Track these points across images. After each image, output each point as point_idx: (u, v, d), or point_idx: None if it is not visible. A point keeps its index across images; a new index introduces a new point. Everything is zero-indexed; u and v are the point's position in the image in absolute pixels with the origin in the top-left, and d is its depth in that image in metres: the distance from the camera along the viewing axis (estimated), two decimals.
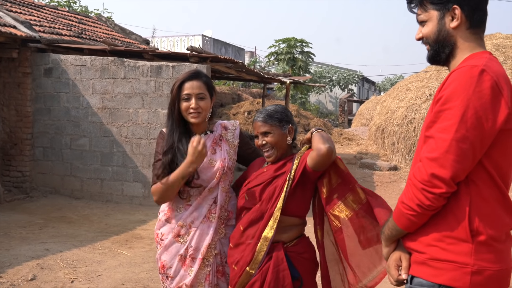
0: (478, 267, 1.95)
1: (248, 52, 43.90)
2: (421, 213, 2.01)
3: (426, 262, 2.05)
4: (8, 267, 5.81)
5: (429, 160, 1.97)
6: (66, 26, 12.29)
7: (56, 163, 10.11)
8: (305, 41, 33.59)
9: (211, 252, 3.03)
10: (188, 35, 34.71)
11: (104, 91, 9.75)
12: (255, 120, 3.03)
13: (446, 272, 1.99)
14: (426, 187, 1.96)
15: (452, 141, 1.91)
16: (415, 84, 16.79)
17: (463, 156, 1.92)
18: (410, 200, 2.02)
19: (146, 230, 7.88)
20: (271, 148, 2.97)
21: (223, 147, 3.14)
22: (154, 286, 5.45)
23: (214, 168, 3.05)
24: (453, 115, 1.92)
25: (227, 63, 10.13)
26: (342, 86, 42.39)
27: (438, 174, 1.94)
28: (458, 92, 1.93)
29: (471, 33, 2.13)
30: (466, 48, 2.13)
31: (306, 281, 2.88)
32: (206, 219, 3.03)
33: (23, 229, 7.59)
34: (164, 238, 3.09)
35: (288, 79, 14.57)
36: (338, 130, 23.74)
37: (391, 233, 2.18)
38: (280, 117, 3.00)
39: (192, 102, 2.98)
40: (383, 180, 12.90)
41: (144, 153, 9.51)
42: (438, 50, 2.19)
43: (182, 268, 3.03)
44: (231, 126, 3.24)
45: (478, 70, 1.93)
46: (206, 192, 3.05)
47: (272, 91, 31.31)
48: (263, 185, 2.93)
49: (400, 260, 2.17)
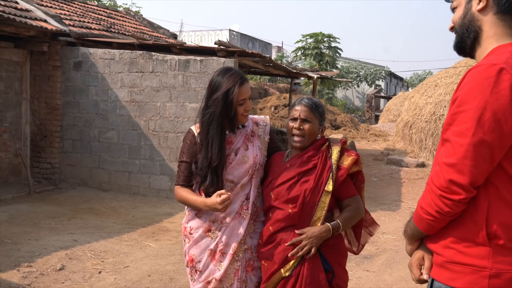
0: (496, 270, 1.88)
1: (275, 47, 43.78)
2: (440, 218, 1.96)
3: (444, 265, 2.00)
4: (37, 256, 5.90)
5: (446, 166, 1.90)
6: (95, 20, 12.40)
7: (85, 156, 10.24)
8: (332, 36, 33.41)
9: (241, 248, 3.02)
10: (215, 29, 34.77)
11: (132, 85, 9.83)
12: (299, 103, 3.01)
13: (463, 276, 1.93)
14: (445, 193, 1.91)
15: (469, 145, 1.84)
16: (444, 80, 16.57)
17: (481, 161, 1.85)
18: (428, 206, 1.98)
19: (172, 223, 7.94)
20: (303, 136, 2.95)
21: (255, 143, 3.12)
22: (180, 279, 5.49)
23: (246, 164, 3.03)
24: (469, 118, 1.84)
25: (255, 58, 10.12)
26: (369, 81, 42.02)
27: (456, 181, 1.87)
28: (475, 93, 1.84)
29: (498, 19, 2.02)
30: (492, 35, 2.02)
31: (337, 272, 2.87)
32: (238, 215, 3.02)
33: (52, 219, 7.71)
34: (193, 232, 3.09)
35: (315, 74, 14.52)
36: (365, 126, 23.59)
37: (413, 233, 2.15)
38: (322, 112, 3.03)
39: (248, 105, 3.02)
40: (410, 177, 12.77)
41: (171, 146, 9.57)
42: (463, 36, 2.11)
43: (211, 263, 3.02)
44: (262, 122, 3.22)
45: (496, 70, 1.82)
46: (238, 189, 3.04)
47: (299, 86, 31.19)
48: (290, 184, 2.90)
49: (423, 259, 2.14)
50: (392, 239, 7.27)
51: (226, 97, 2.93)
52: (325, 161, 2.90)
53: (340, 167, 2.88)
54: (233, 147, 3.06)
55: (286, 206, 2.87)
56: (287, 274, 2.80)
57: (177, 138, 9.48)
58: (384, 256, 6.56)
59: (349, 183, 2.93)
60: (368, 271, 5.94)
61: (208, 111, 2.97)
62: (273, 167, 3.08)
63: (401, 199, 10.51)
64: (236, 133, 3.08)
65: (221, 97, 2.93)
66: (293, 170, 2.93)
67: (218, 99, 2.93)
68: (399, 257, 6.44)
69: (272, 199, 2.95)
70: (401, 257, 6.37)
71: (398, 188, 11.75)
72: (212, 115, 2.95)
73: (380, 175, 12.92)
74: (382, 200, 10.14)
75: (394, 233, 7.61)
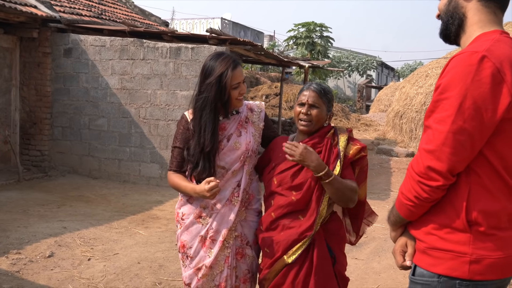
0: (477, 256, 1.91)
1: (267, 36, 43.69)
2: (419, 204, 1.98)
3: (426, 251, 2.02)
4: (26, 243, 5.89)
5: (425, 152, 1.93)
6: (86, 7, 12.31)
7: (75, 143, 10.21)
8: (324, 25, 33.27)
9: (231, 235, 3.02)
10: (207, 17, 34.66)
11: (123, 72, 9.78)
12: (307, 88, 2.98)
13: (444, 262, 1.96)
14: (423, 179, 1.93)
15: (448, 133, 1.86)
16: (435, 71, 16.63)
17: (460, 148, 1.87)
18: (408, 191, 2.00)
19: (162, 210, 7.94)
20: (310, 121, 2.92)
21: (248, 130, 3.10)
22: (169, 266, 5.50)
23: (238, 151, 3.02)
24: (450, 105, 1.86)
25: (246, 46, 10.10)
26: (361, 71, 42.06)
27: (434, 167, 1.90)
28: (456, 81, 1.85)
29: (482, 5, 2.02)
30: (476, 22, 2.03)
31: (339, 258, 2.89)
32: (228, 202, 3.01)
33: (41, 207, 7.69)
34: (185, 218, 3.09)
35: (307, 63, 14.52)
36: (356, 115, 23.67)
37: (395, 219, 2.18)
38: (330, 98, 3.00)
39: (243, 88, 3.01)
40: (400, 166, 12.84)
41: (162, 134, 9.56)
42: (447, 23, 2.12)
43: (202, 249, 3.03)
44: (256, 108, 3.21)
45: (478, 57, 1.84)
46: (230, 175, 3.02)
47: (290, 75, 31.15)
48: (295, 170, 2.88)
49: (406, 246, 2.16)
50: (381, 227, 7.32)
51: (219, 81, 2.90)
52: (331, 148, 2.88)
53: (346, 156, 2.87)
54: (225, 133, 3.04)
55: (290, 193, 2.86)
56: (290, 260, 2.79)
57: (168, 126, 9.47)
58: (372, 245, 6.60)
59: (349, 169, 2.89)
60: (356, 259, 5.98)
61: (202, 96, 2.95)
62: (276, 153, 3.05)
63: (391, 188, 10.58)
64: (229, 119, 3.07)
65: (214, 81, 2.90)
66: None
67: (212, 84, 2.91)
68: (387, 245, 6.48)
69: (275, 185, 2.92)
70: (390, 245, 6.41)
71: (388, 177, 11.81)
72: (205, 100, 2.93)
73: (370, 164, 12.94)
74: (372, 189, 10.17)
75: (383, 222, 7.62)
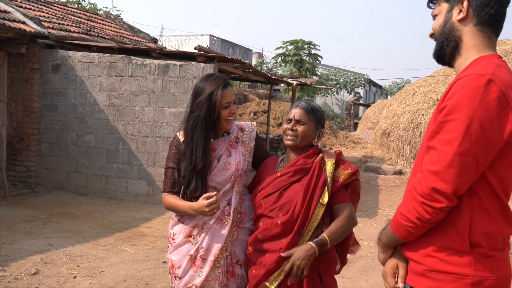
0: (478, 277, 1.92)
1: (255, 53, 43.90)
2: (420, 226, 1.98)
3: (425, 274, 2.02)
4: (11, 260, 5.83)
5: (430, 173, 1.92)
6: (75, 23, 12.33)
7: (62, 159, 10.15)
8: (312, 43, 33.51)
9: (222, 254, 3.00)
10: (196, 34, 34.76)
11: (111, 89, 9.77)
12: (295, 106, 3.02)
13: (446, 284, 1.96)
14: (427, 200, 1.92)
15: (455, 155, 1.86)
16: (422, 89, 16.76)
17: (465, 170, 1.87)
18: (409, 212, 1.99)
19: (149, 227, 7.90)
20: (296, 136, 2.94)
21: (238, 150, 3.10)
22: (156, 284, 5.47)
23: (228, 171, 3.02)
24: (457, 127, 1.86)
25: (234, 63, 10.12)
26: (349, 89, 42.33)
27: (439, 189, 1.89)
28: (463, 103, 1.85)
29: (478, 30, 2.05)
30: (472, 46, 2.05)
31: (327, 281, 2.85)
32: (219, 221, 2.99)
33: (27, 223, 7.62)
34: (175, 237, 3.07)
35: (295, 80, 14.58)
36: (343, 133, 23.74)
37: (389, 241, 2.16)
38: (319, 116, 3.02)
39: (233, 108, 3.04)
40: (388, 184, 12.87)
41: (150, 151, 9.53)
42: (442, 44, 2.13)
43: (191, 269, 2.99)
44: (247, 128, 3.22)
45: (485, 80, 1.85)
46: (220, 195, 3.01)
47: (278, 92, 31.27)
48: (279, 192, 2.88)
49: (397, 268, 2.15)
50: (368, 246, 7.32)
51: (210, 100, 2.93)
52: (320, 173, 2.86)
53: (336, 180, 2.86)
54: (215, 154, 3.04)
55: (276, 214, 2.85)
56: (272, 286, 2.76)
57: (156, 143, 9.45)
58: (360, 263, 6.60)
59: (342, 191, 2.88)
60: (344, 277, 5.97)
61: (193, 115, 2.97)
62: (264, 175, 3.06)
63: (378, 206, 10.59)
64: (219, 139, 3.08)
65: (205, 99, 2.93)
66: (284, 179, 2.90)
67: (202, 102, 2.93)
68: (375, 263, 6.48)
69: (263, 208, 2.92)
70: (377, 263, 6.41)
71: (376, 195, 11.83)
72: (196, 119, 2.95)
73: None
74: (360, 207, 10.12)
75: (371, 240, 7.66)
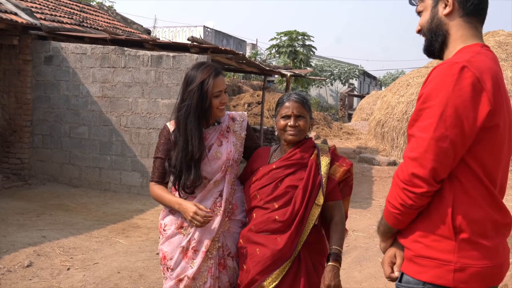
0: (461, 264, 1.94)
1: (249, 44, 43.78)
2: (405, 212, 2.02)
3: (412, 259, 2.05)
4: (4, 253, 5.82)
5: (409, 160, 1.97)
6: (68, 14, 12.24)
7: (55, 151, 10.11)
8: (306, 34, 33.50)
9: (214, 245, 2.98)
10: (189, 26, 34.60)
11: (104, 80, 9.73)
12: (289, 99, 2.94)
13: (429, 269, 1.98)
14: (407, 186, 1.97)
15: (431, 140, 1.91)
16: (416, 80, 16.79)
17: (442, 155, 1.91)
18: (394, 199, 2.04)
19: (143, 219, 7.89)
20: (299, 132, 2.90)
21: (229, 139, 3.09)
22: (150, 275, 5.46)
23: (219, 160, 3.00)
24: (432, 113, 1.91)
25: (228, 55, 10.10)
26: (343, 80, 42.33)
27: (418, 174, 1.94)
28: (438, 90, 1.91)
29: (464, 21, 2.08)
30: (459, 37, 2.09)
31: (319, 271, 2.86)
32: (210, 212, 2.96)
33: (20, 216, 7.60)
34: (167, 229, 3.05)
35: (289, 71, 14.56)
36: (338, 124, 23.78)
37: (385, 229, 2.19)
38: (310, 105, 3.00)
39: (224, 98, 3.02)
40: (382, 175, 12.91)
41: (143, 142, 9.51)
42: (431, 39, 2.17)
43: (183, 260, 2.98)
44: (239, 118, 3.20)
45: (458, 67, 1.90)
46: (211, 185, 3.00)
47: (272, 83, 31.27)
48: (275, 184, 2.86)
49: (394, 257, 2.17)
50: (362, 236, 7.34)
51: (201, 88, 2.92)
52: (316, 172, 2.83)
53: (332, 179, 2.86)
54: (206, 143, 3.02)
55: (272, 205, 2.83)
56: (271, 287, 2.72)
57: (149, 134, 9.43)
58: (354, 254, 6.61)
59: (335, 187, 2.88)
60: None
61: (184, 104, 2.95)
62: (256, 165, 3.04)
63: (372, 197, 10.62)
64: (210, 129, 3.07)
65: (196, 88, 2.92)
66: (280, 171, 2.88)
67: (194, 91, 2.92)
68: (369, 254, 6.50)
69: (257, 199, 2.89)
70: (371, 254, 6.44)
71: (370, 186, 11.86)
72: (188, 108, 2.93)
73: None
74: (353, 198, 10.17)
75: (365, 231, 7.68)
